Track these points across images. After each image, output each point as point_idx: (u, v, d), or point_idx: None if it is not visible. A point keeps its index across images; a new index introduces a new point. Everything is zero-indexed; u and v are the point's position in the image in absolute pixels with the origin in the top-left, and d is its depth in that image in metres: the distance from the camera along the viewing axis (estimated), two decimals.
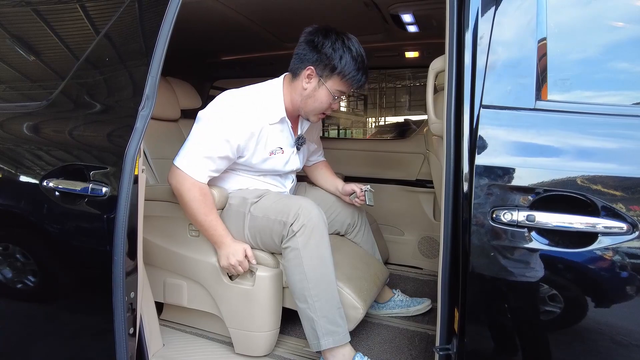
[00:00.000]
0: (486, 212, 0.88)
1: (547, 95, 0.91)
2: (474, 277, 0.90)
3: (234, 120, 1.38)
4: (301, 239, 1.34)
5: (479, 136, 0.89)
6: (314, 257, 1.35)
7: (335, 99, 1.46)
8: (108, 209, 1.08)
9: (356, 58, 1.39)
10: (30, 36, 1.46)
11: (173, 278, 1.60)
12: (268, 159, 1.49)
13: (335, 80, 1.41)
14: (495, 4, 0.94)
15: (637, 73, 0.94)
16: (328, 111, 1.51)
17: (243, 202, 1.48)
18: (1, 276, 1.30)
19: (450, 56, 0.98)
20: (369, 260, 1.75)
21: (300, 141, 1.57)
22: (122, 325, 1.09)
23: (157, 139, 1.86)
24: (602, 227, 0.82)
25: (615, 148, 0.88)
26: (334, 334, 1.34)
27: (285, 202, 1.44)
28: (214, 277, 1.50)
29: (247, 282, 1.46)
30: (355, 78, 1.41)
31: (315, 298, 1.34)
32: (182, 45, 1.59)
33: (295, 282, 1.37)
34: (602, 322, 0.87)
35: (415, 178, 2.45)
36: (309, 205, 1.39)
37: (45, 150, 1.26)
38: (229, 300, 1.49)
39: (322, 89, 1.43)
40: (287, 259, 1.38)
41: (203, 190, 1.40)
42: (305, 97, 1.45)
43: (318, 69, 1.41)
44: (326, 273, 1.36)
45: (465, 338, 0.92)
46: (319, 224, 1.37)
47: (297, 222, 1.35)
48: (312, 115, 1.51)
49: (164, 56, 1.13)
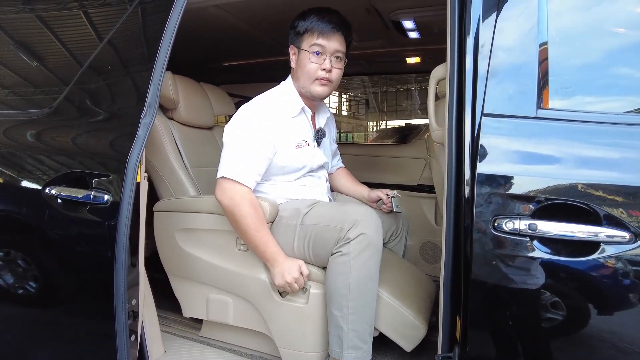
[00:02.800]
0: (488, 220, 0.87)
1: (548, 103, 0.91)
2: (476, 285, 0.90)
3: (263, 121, 1.42)
4: (355, 247, 1.28)
5: (480, 144, 0.90)
6: (363, 269, 1.29)
7: (318, 57, 1.45)
8: (110, 216, 1.09)
9: (320, 13, 1.46)
10: (32, 42, 1.47)
11: (217, 294, 1.54)
12: (296, 154, 1.48)
13: (307, 39, 1.46)
14: (496, 12, 0.95)
15: (638, 79, 0.94)
16: (322, 73, 1.46)
17: (295, 213, 1.43)
18: (4, 282, 1.30)
19: (452, 64, 0.98)
20: (417, 275, 1.70)
21: (320, 134, 1.58)
22: (123, 332, 1.09)
23: (194, 148, 1.80)
24: (605, 236, 0.81)
25: (617, 156, 0.88)
26: (359, 350, 1.30)
27: (342, 208, 1.41)
28: (264, 294, 1.44)
29: (299, 300, 1.40)
30: (322, 27, 1.43)
31: (352, 310, 1.29)
32: (185, 52, 1.60)
33: (336, 288, 1.31)
34: (605, 329, 0.87)
35: (417, 183, 2.45)
36: (371, 214, 1.35)
37: (48, 157, 1.26)
38: (280, 318, 1.42)
39: (301, 54, 1.47)
40: (335, 263, 1.32)
41: (254, 203, 1.37)
42: (296, 72, 1.50)
43: (294, 42, 1.50)
44: (370, 289, 1.31)
45: (467, 346, 0.92)
46: (377, 238, 1.32)
47: (354, 229, 1.29)
48: (311, 86, 1.47)
49: (166, 63, 1.14)
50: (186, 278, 1.60)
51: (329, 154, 1.70)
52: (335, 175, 1.84)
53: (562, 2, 0.96)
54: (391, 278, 1.39)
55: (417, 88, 11.05)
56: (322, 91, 1.49)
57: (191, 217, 1.57)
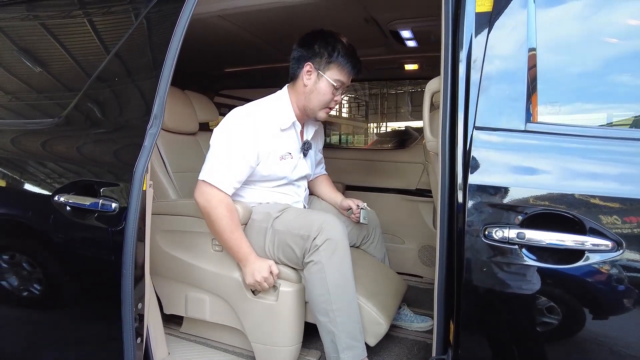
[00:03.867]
0: (479, 228, 0.92)
1: (537, 117, 0.95)
2: (468, 291, 0.94)
3: (250, 129, 1.45)
4: (325, 253, 1.36)
5: (472, 156, 0.94)
6: (337, 272, 1.36)
7: (336, 90, 1.53)
8: (117, 223, 1.13)
9: (347, 47, 1.51)
10: (40, 51, 1.51)
11: (195, 292, 1.62)
12: (279, 164, 1.54)
13: (333, 70, 1.50)
14: (488, 28, 0.99)
15: (625, 95, 0.98)
16: (332, 104, 1.56)
17: (266, 217, 1.50)
18: (14, 285, 1.35)
19: (445, 78, 1.02)
20: (387, 273, 1.77)
21: (306, 146, 1.63)
22: (130, 335, 1.13)
23: (176, 153, 1.88)
24: (590, 244, 0.85)
25: (603, 168, 0.92)
26: (354, 348, 1.36)
27: (308, 216, 1.47)
28: (237, 292, 1.52)
29: (270, 297, 1.47)
30: (350, 64, 1.51)
31: (337, 312, 1.35)
32: (188, 59, 1.64)
33: (318, 295, 1.38)
34: (592, 333, 0.91)
35: (415, 187, 2.49)
36: (333, 220, 1.41)
37: (57, 166, 1.31)
38: (252, 314, 1.50)
39: (322, 81, 1.51)
40: (310, 272, 1.39)
41: (230, 207, 1.43)
42: (308, 93, 1.53)
43: (315, 63, 1.51)
44: (348, 288, 1.38)
45: (459, 349, 0.96)
46: (343, 239, 1.38)
47: (320, 236, 1.36)
48: (319, 112, 1.56)
49: (171, 76, 1.18)
50: (166, 277, 1.67)
51: (313, 165, 1.76)
52: (316, 180, 1.90)
53: (552, 19, 1.00)
54: (357, 275, 1.45)
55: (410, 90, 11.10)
56: (325, 117, 1.60)
57: (171, 220, 1.65)
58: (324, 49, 1.49)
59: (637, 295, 0.85)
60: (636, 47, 0.97)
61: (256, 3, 1.67)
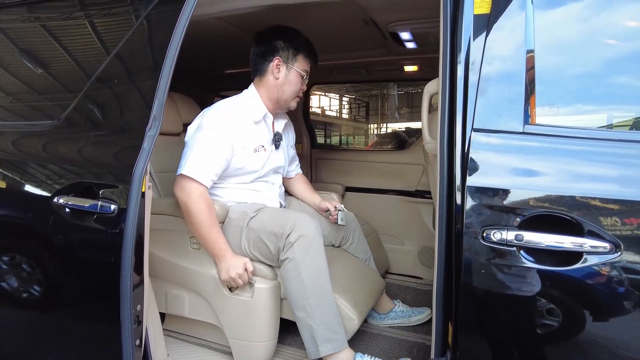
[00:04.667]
0: (477, 230, 0.92)
1: (535, 119, 0.95)
2: (466, 292, 0.94)
3: (224, 123, 1.53)
4: (299, 250, 1.40)
5: (470, 158, 0.94)
6: (312, 267, 1.40)
7: (304, 78, 1.66)
8: (116, 225, 1.13)
9: (306, 40, 1.64)
10: (40, 53, 1.51)
11: (175, 289, 1.65)
12: (253, 157, 1.59)
13: (300, 61, 1.63)
14: (486, 30, 0.99)
15: (623, 96, 0.99)
16: (300, 93, 1.68)
17: (243, 215, 1.54)
18: (13, 286, 1.35)
19: (444, 80, 1.03)
20: (365, 271, 1.79)
21: (277, 137, 1.70)
22: (129, 337, 1.13)
23: (159, 153, 1.90)
24: (588, 246, 0.86)
25: (601, 170, 0.92)
26: (333, 340, 1.39)
27: (282, 215, 1.52)
28: (214, 289, 1.55)
29: (246, 294, 1.50)
30: (312, 54, 1.66)
31: (314, 307, 1.39)
32: (188, 60, 1.65)
33: (294, 291, 1.41)
34: (596, 334, 0.91)
35: (415, 189, 2.49)
36: (306, 217, 1.47)
37: (56, 167, 1.31)
38: (229, 311, 1.53)
39: (292, 73, 1.62)
40: (286, 269, 1.43)
41: (208, 202, 1.47)
42: (280, 85, 1.62)
43: (283, 57, 1.61)
44: (323, 283, 1.41)
45: (458, 351, 0.96)
46: (316, 236, 1.43)
47: (293, 233, 1.41)
48: (291, 101, 1.67)
49: (170, 78, 1.18)
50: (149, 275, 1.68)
51: (287, 159, 1.81)
52: (293, 181, 1.94)
53: (550, 21, 1.00)
54: (333, 272, 1.47)
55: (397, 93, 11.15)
56: (295, 105, 1.72)
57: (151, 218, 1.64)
58: (289, 43, 1.61)
59: (635, 297, 0.85)
60: (635, 48, 0.97)
61: (255, 5, 1.68)
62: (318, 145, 3.01)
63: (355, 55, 2.38)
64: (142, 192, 1.13)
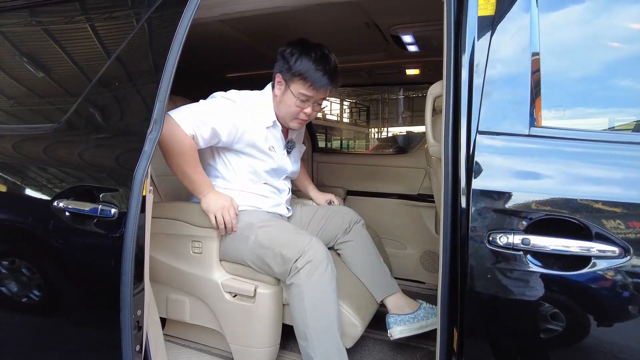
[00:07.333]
0: (483, 234, 0.90)
1: (541, 122, 0.94)
2: (472, 298, 0.92)
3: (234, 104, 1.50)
4: (304, 276, 1.34)
5: (475, 161, 0.93)
6: (316, 293, 1.34)
7: (303, 103, 1.52)
8: (116, 229, 1.12)
9: (316, 61, 1.47)
10: (41, 56, 1.51)
11: (176, 294, 1.63)
12: (268, 154, 1.56)
13: (297, 84, 1.49)
14: (490, 32, 0.98)
15: (629, 98, 0.97)
16: (303, 116, 1.56)
17: (248, 226, 1.49)
18: (13, 290, 1.33)
19: (448, 82, 1.02)
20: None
21: (290, 145, 1.66)
22: (129, 343, 1.12)
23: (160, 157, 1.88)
24: (596, 250, 0.84)
25: (608, 173, 0.91)
26: None
27: (293, 236, 1.45)
28: (216, 294, 1.53)
29: (248, 299, 1.48)
30: (314, 80, 1.47)
31: (314, 336, 1.33)
32: (190, 64, 1.64)
33: (297, 318, 1.37)
34: (605, 341, 0.89)
35: (417, 192, 2.47)
36: (316, 242, 1.40)
37: (56, 171, 1.30)
38: (230, 316, 1.51)
39: (287, 93, 1.52)
40: (291, 295, 1.38)
41: (194, 148, 1.43)
42: (277, 102, 1.56)
43: (284, 75, 1.52)
44: (328, 310, 1.35)
45: (463, 357, 0.94)
46: (324, 260, 1.37)
47: (301, 258, 1.35)
48: (289, 121, 1.58)
49: (171, 81, 1.17)
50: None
51: (298, 163, 1.79)
52: None
53: (555, 23, 0.99)
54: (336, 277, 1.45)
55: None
56: (298, 127, 1.62)
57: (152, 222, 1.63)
58: (288, 62, 1.49)
59: None
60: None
61: (257, 8, 1.67)
62: (319, 148, 3.00)
63: (356, 58, 2.37)
64: (143, 196, 1.12)
